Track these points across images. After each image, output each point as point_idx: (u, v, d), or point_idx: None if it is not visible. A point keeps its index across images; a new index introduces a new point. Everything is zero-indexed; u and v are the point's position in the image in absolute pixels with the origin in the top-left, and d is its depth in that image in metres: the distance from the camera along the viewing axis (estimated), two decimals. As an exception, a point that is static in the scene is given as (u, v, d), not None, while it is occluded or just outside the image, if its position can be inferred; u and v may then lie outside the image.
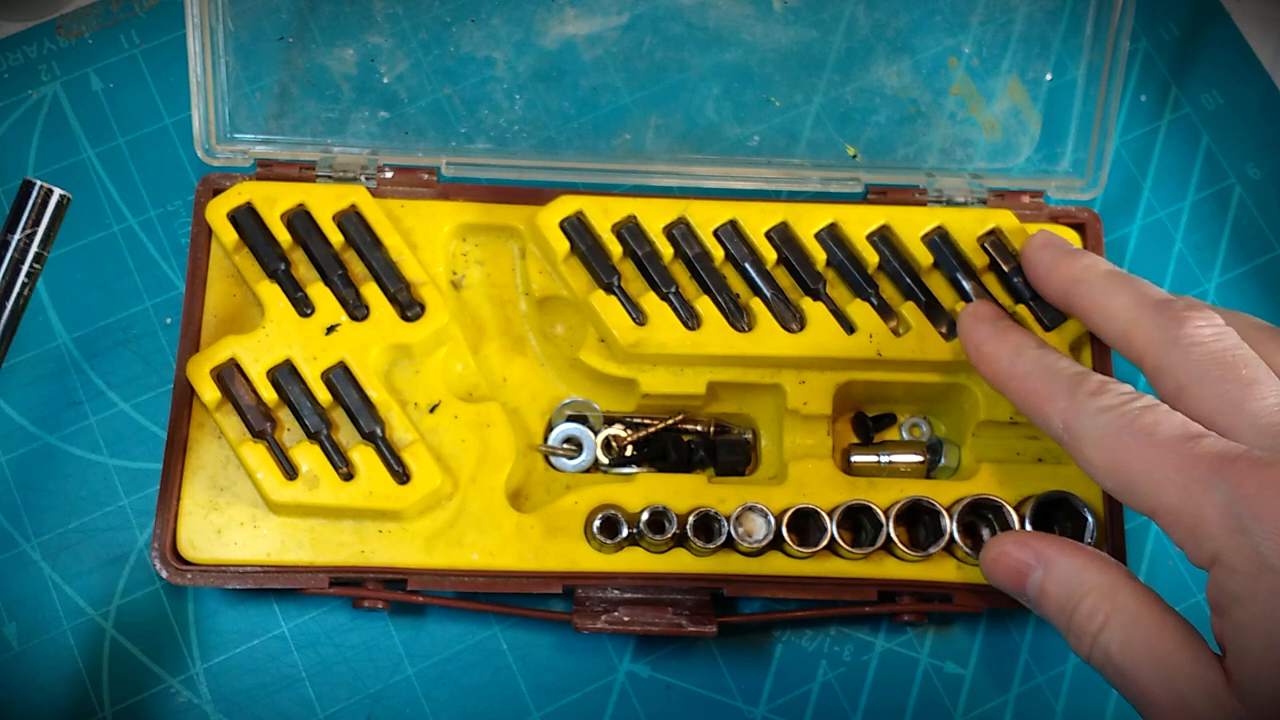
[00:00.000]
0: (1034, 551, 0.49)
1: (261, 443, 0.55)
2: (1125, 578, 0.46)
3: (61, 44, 0.66)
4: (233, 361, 0.56)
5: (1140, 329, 0.48)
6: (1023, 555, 0.49)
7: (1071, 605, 0.46)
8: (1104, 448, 0.45)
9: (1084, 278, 0.52)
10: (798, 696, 0.58)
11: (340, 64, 0.63)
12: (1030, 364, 0.50)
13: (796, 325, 0.58)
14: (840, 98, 0.65)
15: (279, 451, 0.55)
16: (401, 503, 0.54)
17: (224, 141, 0.60)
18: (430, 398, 0.58)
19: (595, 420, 0.59)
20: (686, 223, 0.59)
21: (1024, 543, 0.49)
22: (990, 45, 0.66)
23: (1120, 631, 0.44)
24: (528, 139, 0.64)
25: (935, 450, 0.59)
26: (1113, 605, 0.45)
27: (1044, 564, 0.48)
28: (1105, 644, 0.45)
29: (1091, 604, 0.45)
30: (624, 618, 0.54)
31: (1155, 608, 0.44)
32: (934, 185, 0.61)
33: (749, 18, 0.64)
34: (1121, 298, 0.49)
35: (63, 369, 0.61)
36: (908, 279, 0.59)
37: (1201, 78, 0.68)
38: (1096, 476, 0.46)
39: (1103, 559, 0.47)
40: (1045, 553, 0.48)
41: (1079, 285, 0.52)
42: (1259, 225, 0.66)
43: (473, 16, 0.64)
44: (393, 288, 0.57)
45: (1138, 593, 0.45)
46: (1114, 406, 0.45)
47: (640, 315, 0.58)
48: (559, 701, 0.57)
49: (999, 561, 0.50)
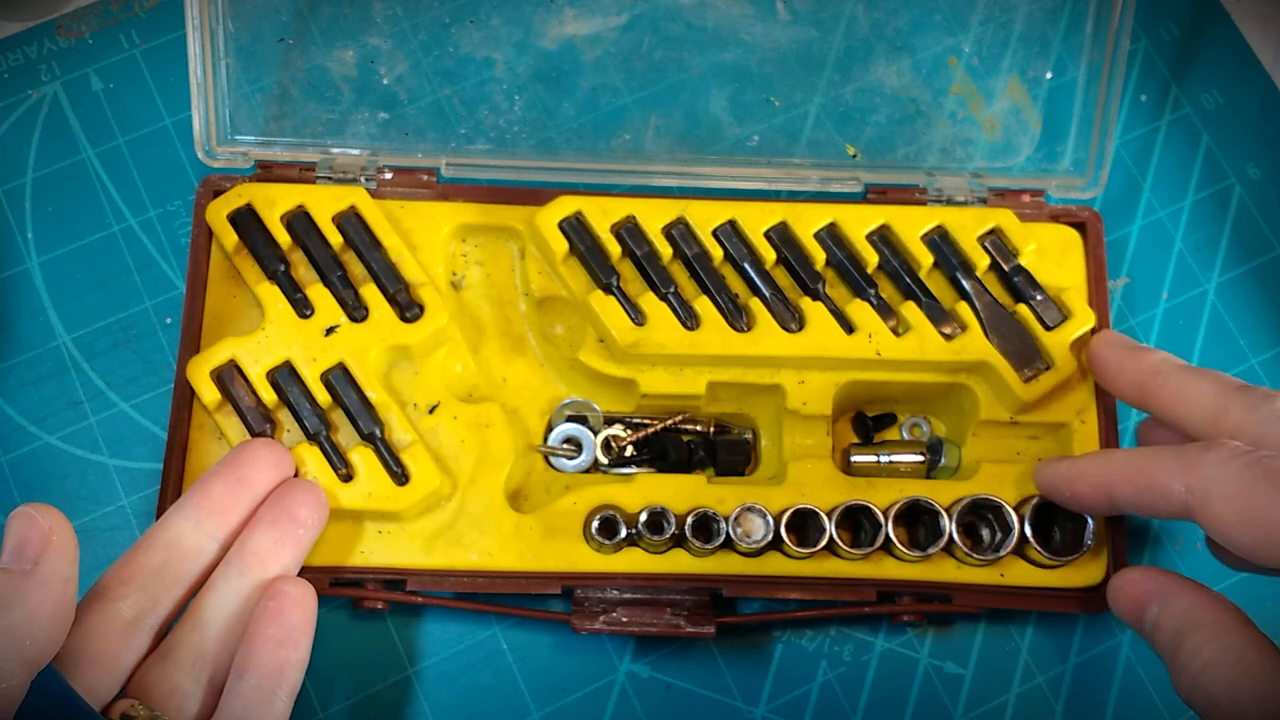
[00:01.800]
0: (1156, 585, 0.48)
1: (261, 443, 0.55)
2: (1239, 621, 0.45)
3: (61, 44, 0.66)
4: (232, 362, 0.56)
5: (1229, 412, 0.48)
6: (1145, 587, 0.49)
7: (1179, 641, 0.46)
8: (1235, 500, 0.44)
9: (1161, 369, 0.52)
10: (798, 696, 0.58)
11: (340, 65, 0.63)
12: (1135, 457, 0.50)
13: (796, 325, 0.58)
14: (840, 97, 0.65)
15: (279, 452, 0.55)
16: (401, 503, 0.54)
17: (224, 143, 0.60)
18: (430, 398, 0.58)
19: (595, 420, 0.59)
20: (686, 223, 0.59)
21: (1148, 575, 0.49)
22: (990, 45, 0.65)
23: (1224, 671, 0.44)
24: (527, 139, 0.64)
25: (935, 450, 0.59)
26: (1220, 646, 0.44)
27: (1161, 599, 0.48)
28: (1208, 684, 0.44)
29: (1197, 642, 0.45)
30: (623, 618, 0.54)
31: (1265, 652, 0.44)
32: (934, 185, 0.61)
33: (749, 18, 0.64)
34: (1205, 384, 0.50)
35: (63, 369, 0.61)
36: (907, 279, 0.59)
37: (1201, 78, 0.68)
38: (1228, 534, 0.44)
39: (1220, 600, 0.46)
40: (1166, 587, 0.48)
41: (1157, 377, 0.52)
42: (1259, 225, 0.66)
43: (472, 17, 0.64)
44: (392, 289, 0.58)
45: (1248, 636, 0.44)
46: (1241, 454, 0.45)
47: (639, 315, 0.58)
48: (559, 701, 0.57)
49: (1123, 591, 0.49)
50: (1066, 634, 0.59)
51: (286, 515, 0.51)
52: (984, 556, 0.55)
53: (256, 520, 0.51)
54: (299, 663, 0.50)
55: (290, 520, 0.51)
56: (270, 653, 0.48)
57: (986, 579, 0.56)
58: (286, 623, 0.49)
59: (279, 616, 0.49)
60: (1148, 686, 0.58)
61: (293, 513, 0.52)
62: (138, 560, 0.49)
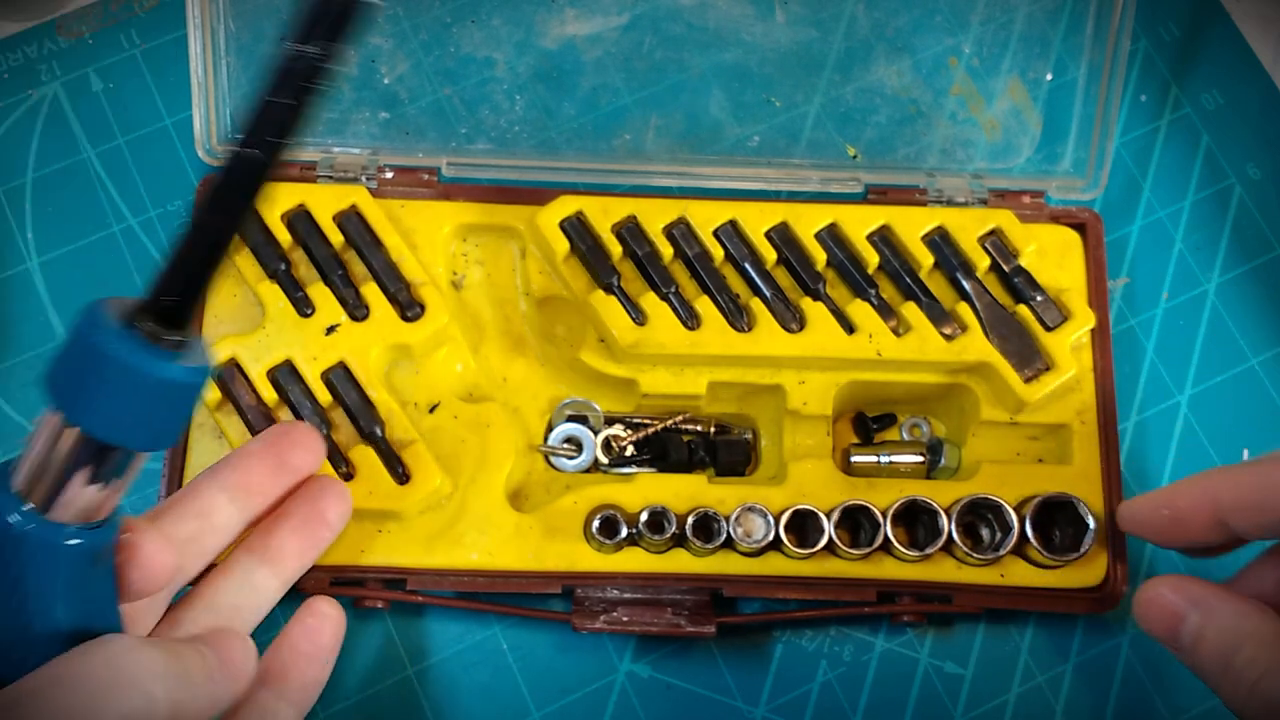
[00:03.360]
0: (1191, 597, 0.47)
1: (261, 443, 0.55)
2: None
3: (61, 44, 0.66)
4: (233, 362, 0.56)
5: None
6: (1179, 599, 0.47)
7: (1231, 653, 0.45)
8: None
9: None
10: (798, 696, 0.58)
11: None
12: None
13: (796, 325, 0.58)
14: (840, 98, 0.65)
15: (279, 451, 0.55)
16: (401, 503, 0.54)
17: (225, 141, 0.60)
18: (430, 398, 0.58)
19: (595, 420, 0.59)
20: (686, 223, 0.59)
21: (1180, 587, 0.47)
22: (990, 45, 0.66)
23: None
24: (528, 139, 0.64)
25: (935, 450, 0.59)
26: (1274, 653, 0.44)
27: (1202, 610, 0.46)
28: (1266, 691, 0.43)
29: (1253, 650, 0.44)
30: (623, 618, 0.54)
31: None
32: (934, 185, 0.61)
33: (749, 18, 0.64)
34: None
35: (63, 369, 0.61)
36: (908, 279, 0.59)
37: (1201, 78, 0.68)
38: None
39: (1263, 608, 0.46)
40: (1204, 599, 0.46)
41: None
42: (1259, 225, 0.66)
43: (473, 17, 0.64)
44: (393, 288, 0.57)
45: None
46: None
47: (640, 315, 0.58)
48: (559, 701, 0.57)
49: (1153, 604, 0.48)
50: (1066, 634, 0.59)
51: (318, 516, 0.51)
52: (984, 556, 0.55)
53: (287, 514, 0.51)
54: (319, 684, 0.50)
55: (320, 522, 0.51)
56: (301, 669, 0.48)
57: (986, 579, 0.56)
58: (321, 642, 0.49)
59: (316, 636, 0.49)
60: (1148, 686, 0.58)
61: (324, 515, 0.51)
62: (169, 526, 0.46)
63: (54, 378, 0.37)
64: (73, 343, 0.37)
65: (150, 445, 0.38)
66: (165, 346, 0.37)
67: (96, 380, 0.36)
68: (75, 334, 0.37)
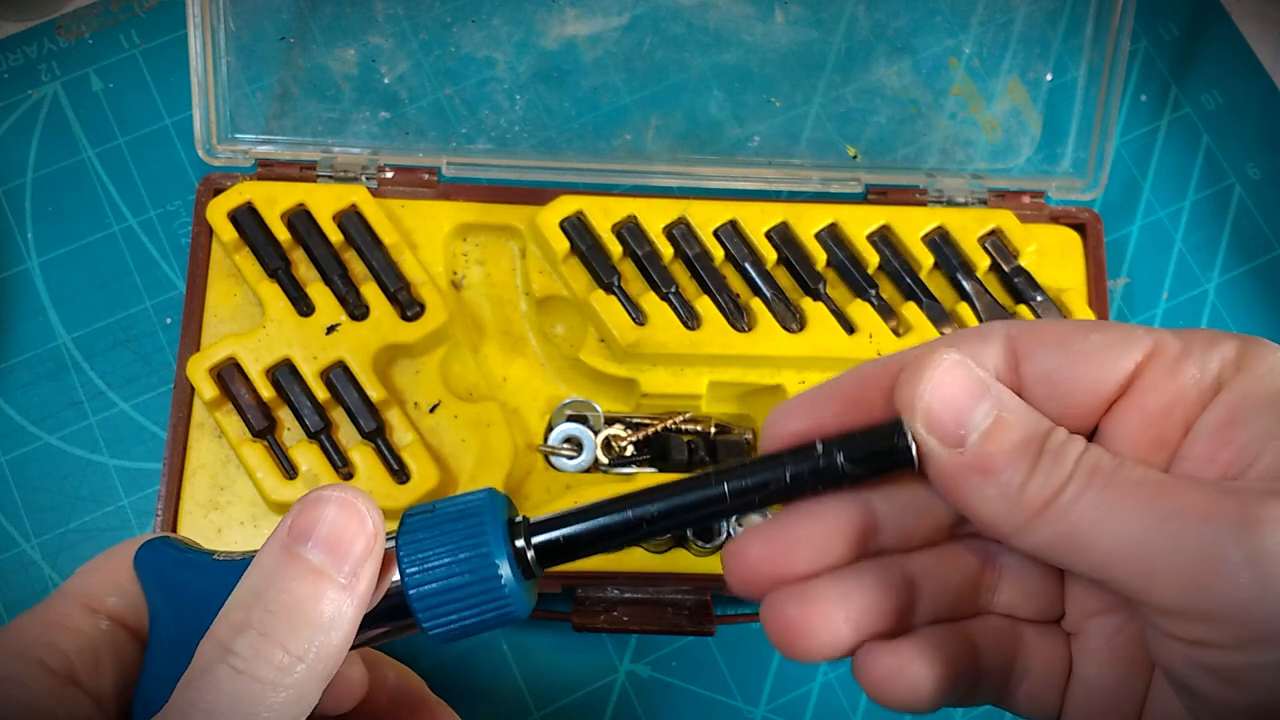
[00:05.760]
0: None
1: (261, 442, 0.55)
2: None
3: (61, 44, 0.66)
4: (233, 361, 0.56)
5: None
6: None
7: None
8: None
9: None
10: (798, 696, 0.58)
11: (341, 64, 0.63)
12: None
13: (796, 325, 0.58)
14: (840, 98, 0.65)
15: (279, 451, 0.55)
16: (401, 502, 0.54)
17: (225, 141, 0.60)
18: (430, 397, 0.58)
19: (595, 420, 0.59)
20: (686, 223, 0.59)
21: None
22: (990, 45, 0.66)
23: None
24: (528, 139, 0.64)
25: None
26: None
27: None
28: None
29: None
30: (623, 617, 0.54)
31: None
32: (934, 185, 0.61)
33: (749, 18, 0.64)
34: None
35: (63, 369, 0.61)
36: (908, 279, 0.59)
37: (1201, 78, 0.68)
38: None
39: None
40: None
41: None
42: (1259, 225, 0.66)
43: (473, 17, 0.64)
44: (393, 287, 0.57)
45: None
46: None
47: (640, 315, 0.58)
48: (559, 701, 0.57)
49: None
50: (1067, 634, 0.59)
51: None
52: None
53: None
54: (339, 656, 0.49)
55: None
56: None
57: (987, 579, 0.56)
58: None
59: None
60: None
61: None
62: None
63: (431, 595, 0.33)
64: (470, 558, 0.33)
65: (432, 631, 0.35)
66: (527, 578, 0.34)
67: (470, 602, 0.33)
68: (477, 561, 0.33)
